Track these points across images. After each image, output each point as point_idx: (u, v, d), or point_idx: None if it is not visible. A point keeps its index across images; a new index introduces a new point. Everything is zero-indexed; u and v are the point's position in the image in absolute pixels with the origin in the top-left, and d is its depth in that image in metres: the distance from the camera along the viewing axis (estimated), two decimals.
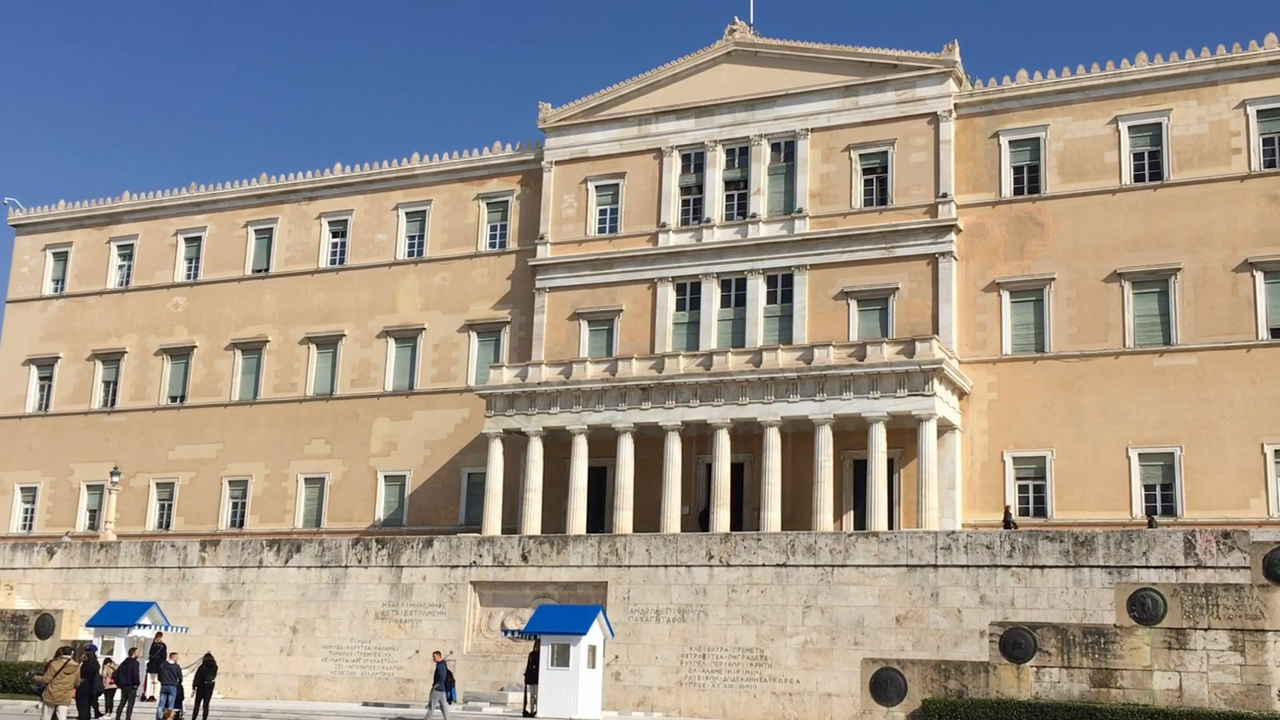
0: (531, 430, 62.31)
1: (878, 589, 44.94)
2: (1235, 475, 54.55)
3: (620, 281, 67.38)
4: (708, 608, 47.09)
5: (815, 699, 44.51)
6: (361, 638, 52.27)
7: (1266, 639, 37.84)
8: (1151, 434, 56.35)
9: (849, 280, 62.71)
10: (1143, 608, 39.42)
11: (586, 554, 49.94)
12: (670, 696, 46.55)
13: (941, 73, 62.84)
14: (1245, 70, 58.04)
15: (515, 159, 72.22)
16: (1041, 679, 39.68)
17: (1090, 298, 58.82)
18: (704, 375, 59.31)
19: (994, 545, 43.94)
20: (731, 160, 66.85)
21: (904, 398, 56.05)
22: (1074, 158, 60.50)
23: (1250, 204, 56.96)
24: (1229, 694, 37.86)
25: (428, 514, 69.00)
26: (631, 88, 69.19)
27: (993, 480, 58.72)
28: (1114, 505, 55.78)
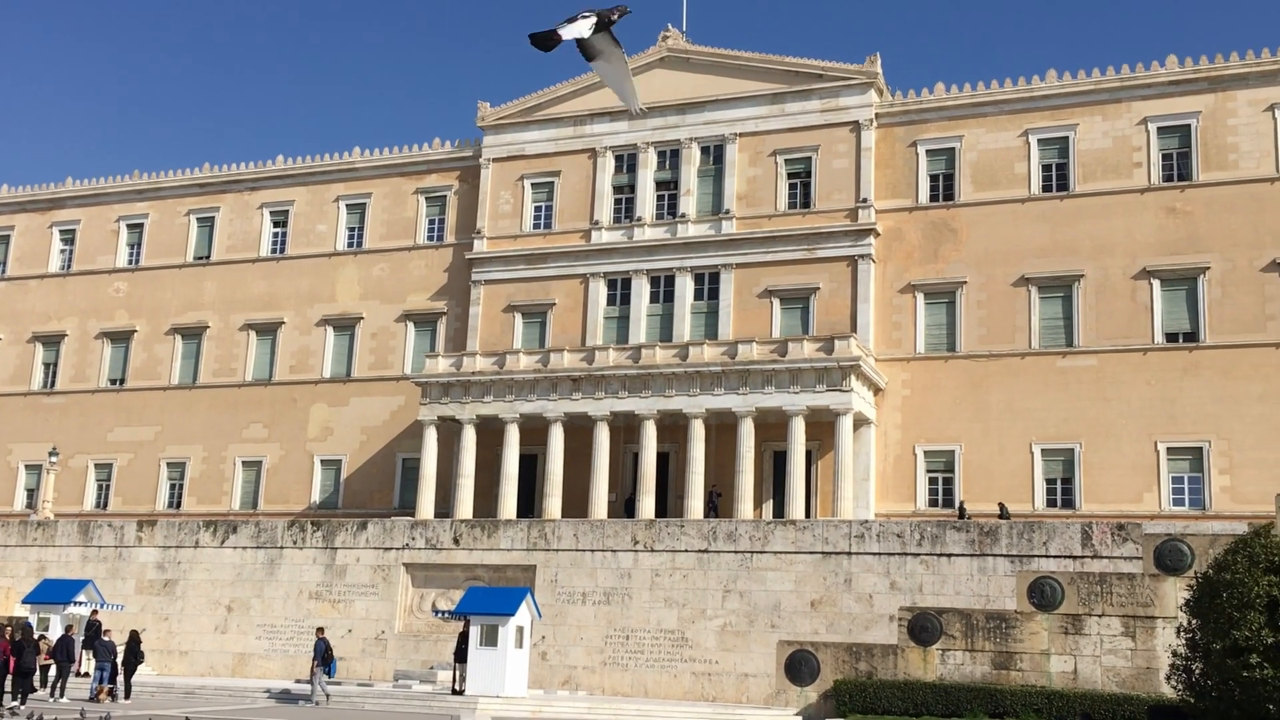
0: (465, 418, 62.02)
1: (794, 575, 45.33)
2: (1131, 471, 55.68)
3: (554, 276, 67.27)
4: (632, 591, 47.22)
5: (733, 679, 44.81)
6: (295, 617, 51.75)
7: (1156, 625, 38.79)
8: (1054, 430, 57.34)
9: (773, 279, 63.10)
10: (1042, 595, 40.23)
11: (516, 538, 49.87)
12: (595, 676, 46.64)
13: (864, 83, 63.39)
14: (1147, 89, 59.19)
15: (454, 155, 71.80)
16: (946, 661, 40.34)
17: (999, 301, 59.69)
18: (633, 368, 59.40)
19: (904, 534, 44.51)
20: (663, 162, 66.96)
21: (823, 393, 56.52)
22: (986, 167, 61.35)
23: (1149, 215, 58.11)
24: (1120, 677, 38.74)
25: (363, 498, 68.45)
26: (568, 89, 69.03)
27: (905, 472, 59.43)
28: (1018, 497, 56.66)
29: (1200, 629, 23.87)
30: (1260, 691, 22.01)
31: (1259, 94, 57.29)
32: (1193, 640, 24.19)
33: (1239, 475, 53.93)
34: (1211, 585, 23.60)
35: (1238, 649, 22.39)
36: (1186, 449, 55.26)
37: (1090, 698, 36.69)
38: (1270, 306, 55.25)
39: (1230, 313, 55.77)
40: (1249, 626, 22.33)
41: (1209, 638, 23.40)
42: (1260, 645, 22.14)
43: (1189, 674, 24.23)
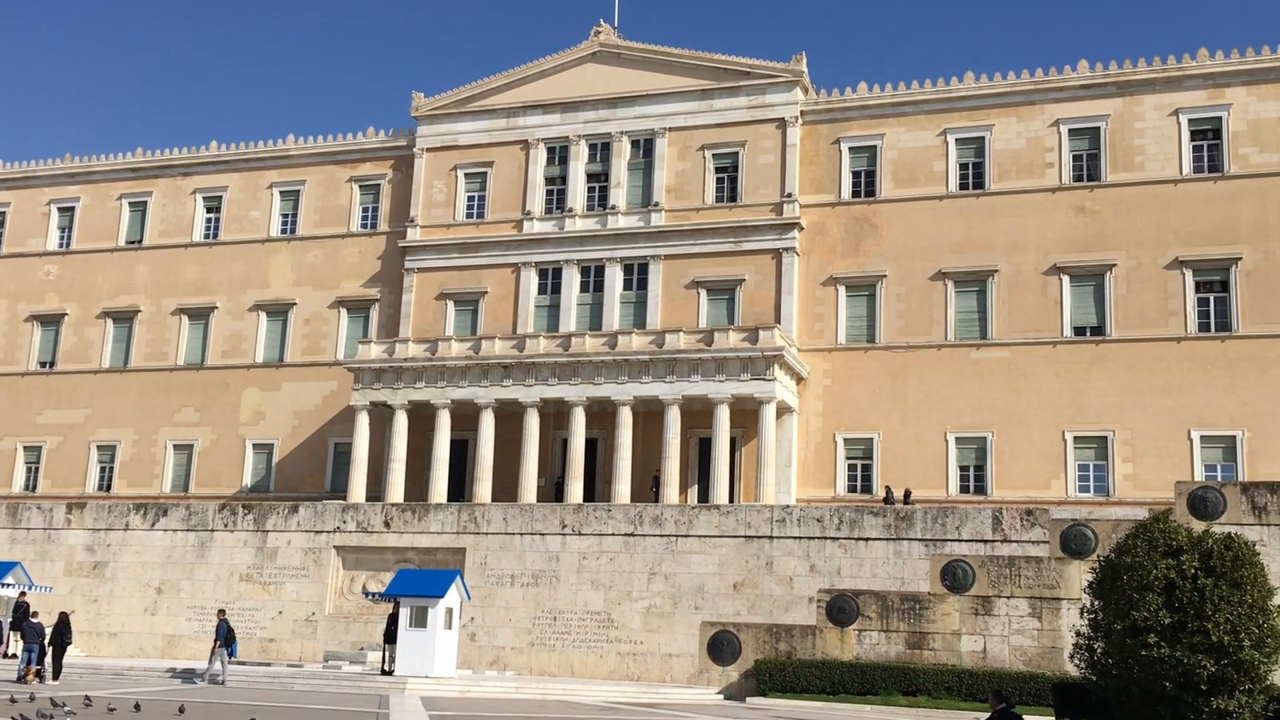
0: (397, 403, 61.53)
1: (718, 558, 45.61)
2: (1039, 459, 56.72)
3: (486, 265, 66.91)
4: (560, 573, 47.22)
5: (657, 659, 45.00)
6: (226, 599, 51.03)
7: (1061, 606, 39.56)
8: (967, 420, 58.21)
9: (700, 271, 63.31)
10: (954, 577, 40.84)
11: (447, 521, 49.62)
12: (522, 656, 46.60)
13: (789, 81, 63.73)
14: (1060, 92, 60.18)
15: (388, 144, 71.07)
16: (862, 641, 40.82)
17: (917, 294, 60.42)
18: (563, 356, 59.30)
19: (824, 519, 44.96)
20: (594, 154, 66.82)
21: (747, 381, 56.88)
22: (906, 165, 62.01)
23: (1060, 213, 59.14)
24: (1027, 656, 39.48)
25: (294, 481, 67.63)
26: (501, 82, 68.61)
27: (825, 459, 59.99)
28: (933, 484, 57.49)
29: (1102, 610, 24.36)
30: (1157, 669, 22.53)
31: (1164, 99, 58.50)
32: (1095, 621, 24.68)
33: (1141, 464, 55.17)
34: (1113, 568, 24.09)
35: (1137, 629, 22.88)
36: (1092, 438, 56.40)
37: (999, 676, 37.33)
38: (1172, 303, 56.52)
39: (1135, 308, 56.97)
40: (1147, 608, 22.83)
41: (1110, 618, 23.89)
42: (1158, 625, 22.65)
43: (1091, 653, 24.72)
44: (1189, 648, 22.35)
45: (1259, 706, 23.00)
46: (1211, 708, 22.43)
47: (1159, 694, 22.66)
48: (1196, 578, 22.92)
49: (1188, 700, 22.51)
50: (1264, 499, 39.19)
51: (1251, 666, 22.56)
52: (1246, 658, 22.43)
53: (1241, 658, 22.40)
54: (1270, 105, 56.99)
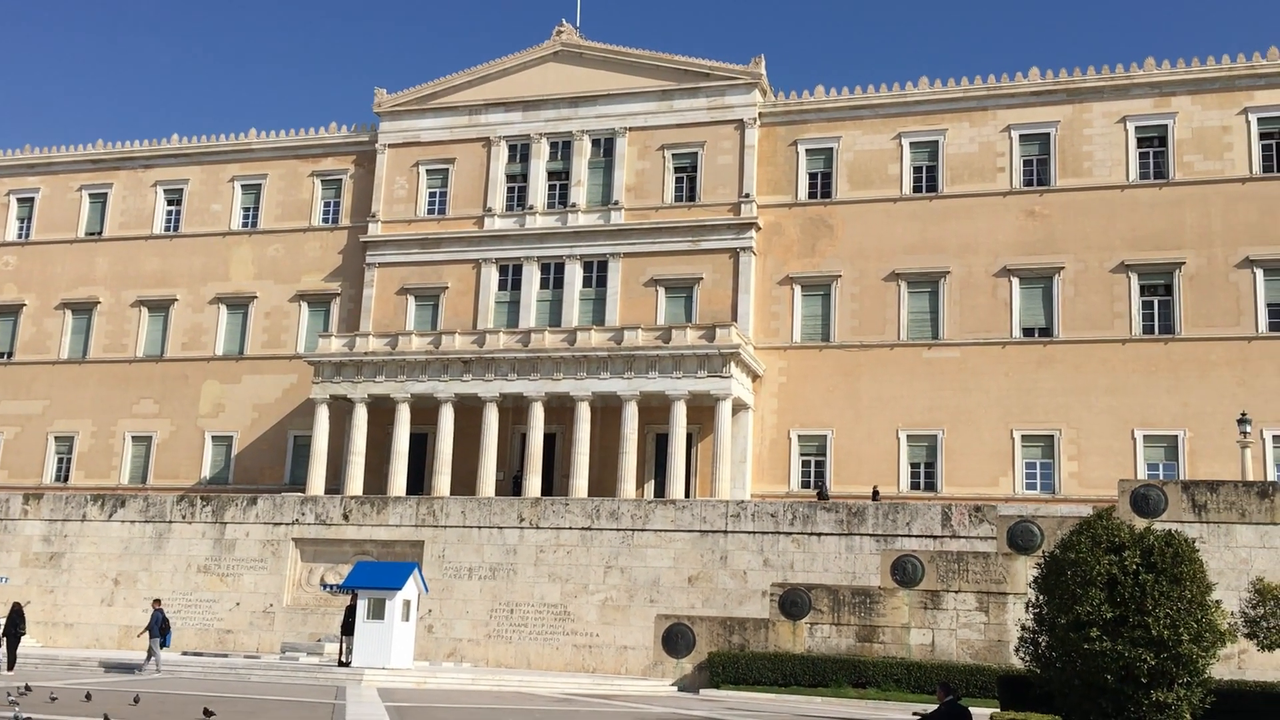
0: (357, 397, 61.13)
1: (673, 552, 45.67)
2: (988, 456, 57.22)
3: (447, 261, 66.59)
4: (517, 566, 47.12)
5: (612, 651, 45.01)
6: (183, 590, 50.54)
7: (1007, 600, 39.93)
8: (919, 418, 58.62)
9: (658, 269, 63.33)
10: (904, 572, 41.11)
11: (405, 514, 49.37)
12: (479, 648, 46.46)
13: (748, 83, 63.87)
14: (1011, 98, 60.70)
15: (350, 140, 70.54)
16: (814, 634, 41.01)
17: (871, 294, 60.76)
18: (522, 351, 59.16)
19: (778, 514, 45.13)
20: (555, 153, 66.66)
21: (704, 378, 56.99)
22: (862, 168, 62.33)
23: (1010, 217, 59.67)
24: (974, 649, 39.82)
25: (254, 474, 67.03)
26: (463, 79, 68.30)
27: (780, 455, 60.22)
28: (885, 480, 57.84)
29: (1047, 604, 24.58)
30: (1099, 662, 22.77)
31: (1113, 106, 59.16)
32: (1040, 615, 24.90)
33: (1086, 462, 55.80)
34: (1058, 564, 24.31)
35: (1080, 623, 23.10)
36: (1039, 436, 56.96)
37: (946, 668, 37.61)
38: (1118, 305, 57.18)
39: (1082, 310, 57.59)
40: (1090, 602, 23.06)
41: (1054, 613, 24.11)
42: (1100, 620, 22.88)
43: (1036, 646, 24.93)
44: (1130, 642, 22.59)
45: (1197, 699, 23.31)
46: (1151, 700, 22.70)
47: (1100, 686, 22.90)
48: (1138, 573, 23.17)
49: (1128, 693, 22.76)
50: (1204, 497, 39.77)
51: (1190, 660, 22.84)
52: (1185, 651, 22.71)
53: (1180, 651, 22.67)
54: (1214, 114, 57.77)
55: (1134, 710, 22.80)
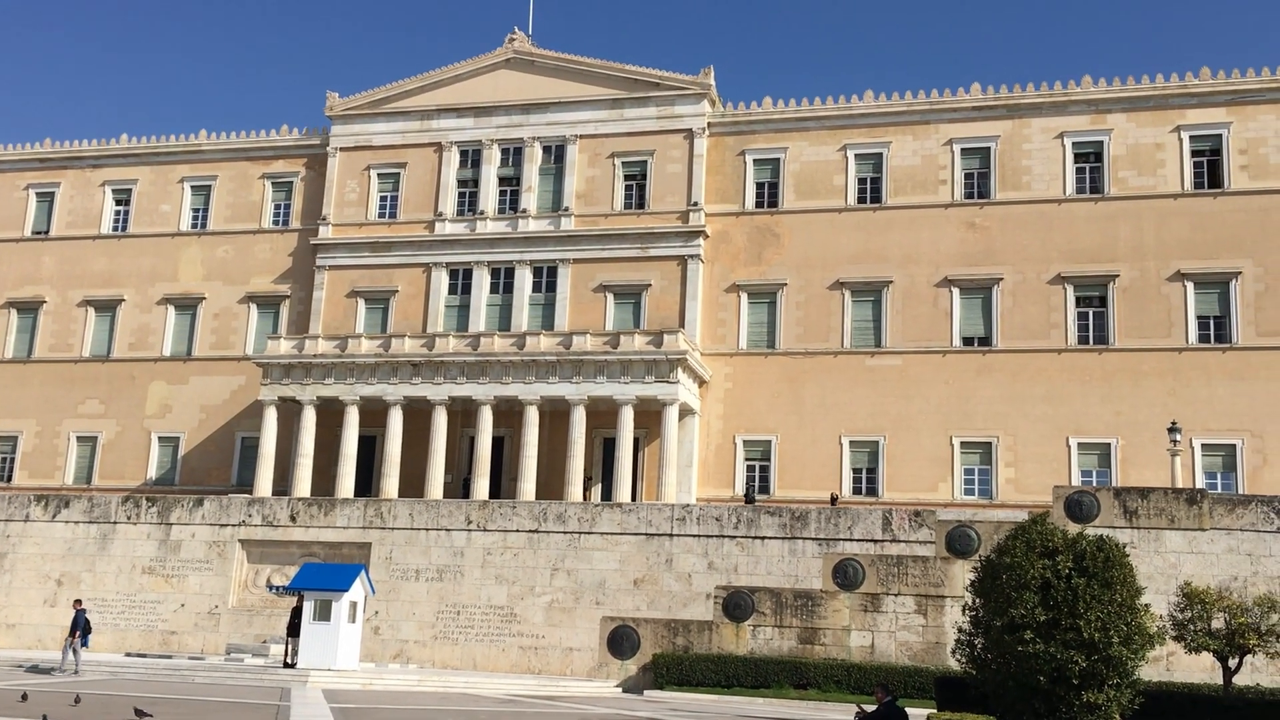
0: (306, 399, 60.56)
1: (619, 554, 45.67)
2: (928, 462, 57.79)
3: (397, 264, 66.19)
4: (464, 568, 46.88)
5: (558, 653, 44.91)
6: (128, 591, 49.75)
7: (945, 604, 40.34)
8: (861, 424, 59.07)
9: (607, 275, 63.37)
10: (845, 575, 41.41)
11: (353, 516, 48.95)
12: (425, 649, 46.17)
13: (698, 94, 64.11)
14: (953, 113, 61.42)
15: (301, 142, 69.93)
16: (757, 636, 41.18)
17: (816, 303, 61.17)
18: (472, 355, 58.92)
19: (723, 518, 45.27)
20: (506, 159, 66.51)
21: (651, 383, 57.08)
22: (808, 178, 62.77)
23: (951, 229, 60.35)
24: (913, 651, 40.18)
25: (200, 475, 66.15)
26: (416, 84, 67.96)
27: (725, 460, 60.44)
28: (827, 485, 58.24)
29: (983, 608, 24.87)
30: (1032, 664, 23.07)
31: (1051, 122, 60.04)
32: (976, 618, 25.18)
33: (1023, 468, 56.53)
34: (993, 568, 24.61)
35: (1014, 626, 23.40)
36: (978, 443, 57.63)
37: (886, 670, 37.93)
38: (1054, 316, 58.00)
39: (1019, 320, 58.35)
40: (1024, 605, 23.37)
41: (990, 615, 24.39)
42: (1034, 622, 23.19)
43: (972, 648, 25.20)
44: (1062, 644, 22.91)
45: (1126, 700, 23.69)
46: (1082, 701, 23.04)
47: (1034, 687, 23.20)
48: (1070, 577, 23.50)
49: (1060, 694, 23.08)
50: (1135, 503, 40.43)
51: (1120, 662, 23.21)
52: (1115, 653, 23.08)
53: (1111, 653, 23.03)
54: (1148, 131, 58.81)
55: (1065, 711, 23.13)
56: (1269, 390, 54.61)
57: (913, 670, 37.80)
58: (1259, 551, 39.26)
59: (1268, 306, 55.65)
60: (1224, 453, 54.77)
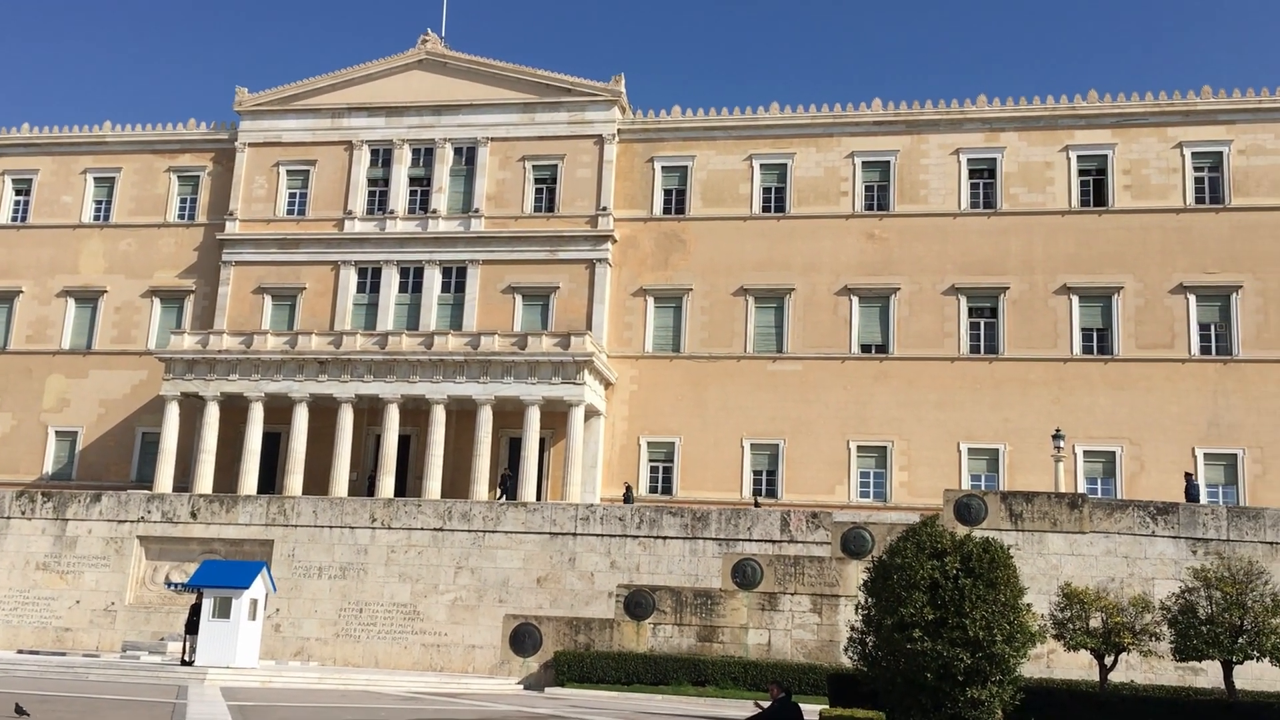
0: (209, 395, 59.25)
1: (523, 553, 45.50)
2: (826, 465, 58.59)
3: (305, 261, 65.10)
4: (368, 566, 46.29)
5: (461, 650, 44.58)
6: (21, 588, 48.14)
7: (840, 603, 40.91)
8: (762, 427, 59.68)
9: (516, 277, 63.10)
10: (744, 575, 41.76)
11: (255, 513, 48.02)
12: (327, 647, 45.47)
13: (608, 100, 64.20)
14: (855, 126, 62.40)
15: (209, 137, 68.40)
16: (657, 634, 41.34)
17: (720, 308, 61.65)
18: (379, 353, 58.22)
19: (625, 517, 45.36)
20: (417, 159, 65.85)
21: (558, 385, 56.98)
22: (715, 186, 63.23)
23: (852, 239, 61.30)
24: (807, 648, 40.68)
25: (99, 470, 64.25)
26: (327, 82, 66.95)
27: (629, 461, 60.57)
28: (728, 487, 58.72)
29: (874, 607, 25.23)
30: (920, 662, 23.48)
31: (947, 138, 61.33)
32: (868, 616, 25.55)
33: (916, 472, 57.61)
34: (885, 568, 25.00)
35: (903, 624, 23.79)
36: (874, 447, 58.59)
37: (781, 667, 38.30)
38: (948, 325, 59.25)
39: (915, 329, 59.48)
40: (913, 604, 23.77)
41: (881, 614, 24.77)
42: (922, 621, 23.60)
43: (864, 646, 25.56)
44: (949, 642, 23.35)
45: (1008, 696, 24.23)
46: (966, 697, 23.51)
47: (921, 684, 23.61)
48: (958, 578, 23.97)
49: (946, 690, 23.53)
50: (1020, 507, 41.48)
51: (1003, 659, 23.73)
52: (999, 651, 23.60)
53: (994, 651, 23.54)
54: (1038, 150, 60.41)
55: (951, 706, 23.59)
56: (1147, 400, 56.48)
57: (808, 667, 38.24)
58: (1135, 554, 40.56)
59: (1147, 320, 57.53)
60: (1104, 459, 56.46)
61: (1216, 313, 57.20)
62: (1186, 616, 28.23)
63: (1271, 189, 57.84)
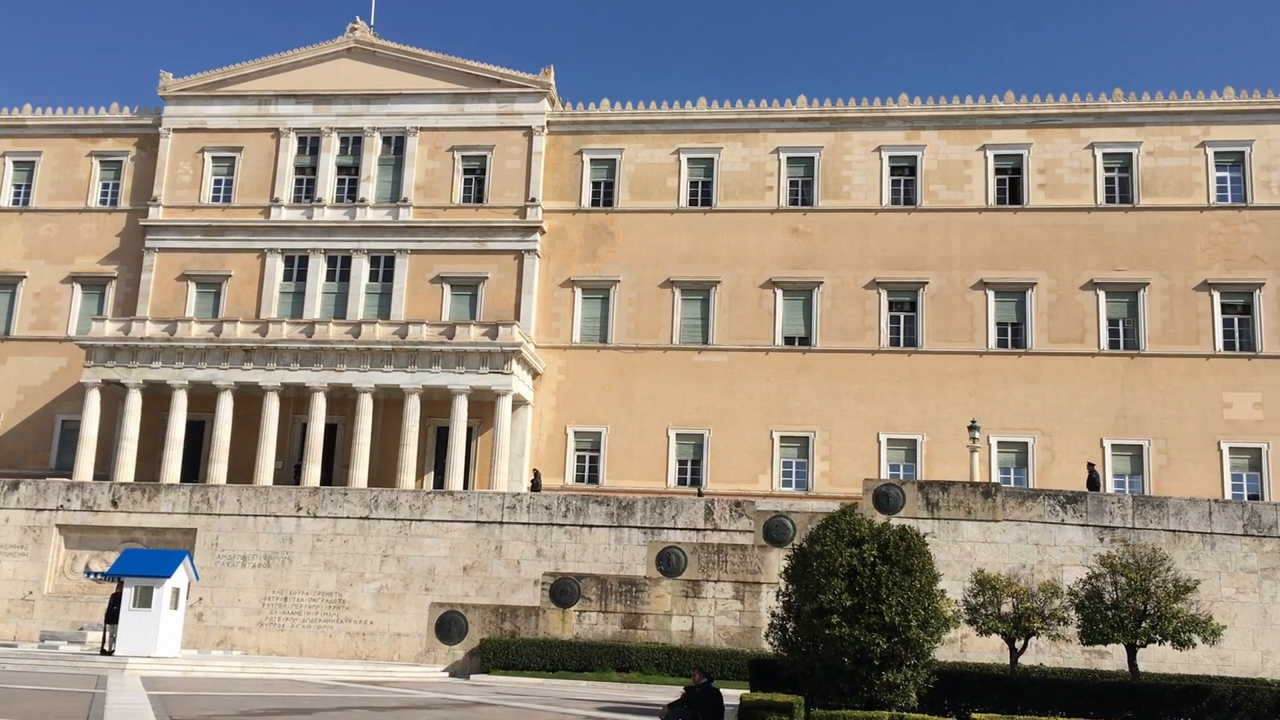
0: (131, 382, 57.95)
1: (450, 541, 45.18)
2: (750, 455, 59.00)
3: (231, 249, 63.89)
4: (293, 555, 45.64)
5: (386, 638, 44.17)
6: None
7: (761, 589, 41.24)
8: (688, 418, 59.91)
9: (445, 266, 62.58)
10: (668, 562, 41.94)
11: (178, 502, 47.07)
12: (251, 636, 44.77)
13: (538, 92, 63.87)
14: (780, 123, 62.79)
15: (132, 121, 66.77)
16: (583, 621, 41.35)
17: (647, 300, 61.73)
18: (306, 342, 57.38)
19: (552, 506, 45.25)
20: (345, 147, 64.95)
21: (486, 374, 56.66)
22: (643, 180, 63.26)
23: (776, 233, 61.72)
24: (730, 634, 40.97)
25: (17, 458, 62.51)
26: (254, 69, 65.72)
27: (556, 450, 60.46)
28: (654, 476, 58.89)
29: (795, 593, 25.50)
30: (838, 646, 23.80)
31: (870, 136, 61.99)
32: (788, 603, 25.81)
33: (837, 462, 58.27)
34: (805, 556, 25.28)
35: (822, 610, 24.08)
36: (796, 438, 59.13)
37: (704, 653, 38.54)
38: (869, 319, 59.96)
39: (837, 322, 60.09)
40: (832, 591, 24.06)
41: (801, 601, 25.04)
42: (840, 607, 23.91)
43: (784, 632, 25.81)
44: (865, 627, 23.69)
45: (922, 679, 24.65)
46: (882, 680, 23.88)
47: (839, 668, 23.93)
48: (875, 565, 24.31)
49: (863, 674, 23.87)
50: (936, 496, 42.14)
51: (917, 644, 24.14)
52: (913, 636, 23.99)
53: (909, 636, 23.93)
54: (957, 149, 61.31)
55: (867, 690, 23.94)
56: (1058, 393, 57.68)
57: (730, 653, 38.51)
58: (1045, 541, 41.42)
59: (1059, 315, 58.73)
60: (1017, 450, 57.59)
61: (1125, 308, 58.60)
62: (1093, 602, 28.86)
63: (1178, 190, 59.37)
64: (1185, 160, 59.56)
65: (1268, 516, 41.21)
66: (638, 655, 39.06)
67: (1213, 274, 58.13)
